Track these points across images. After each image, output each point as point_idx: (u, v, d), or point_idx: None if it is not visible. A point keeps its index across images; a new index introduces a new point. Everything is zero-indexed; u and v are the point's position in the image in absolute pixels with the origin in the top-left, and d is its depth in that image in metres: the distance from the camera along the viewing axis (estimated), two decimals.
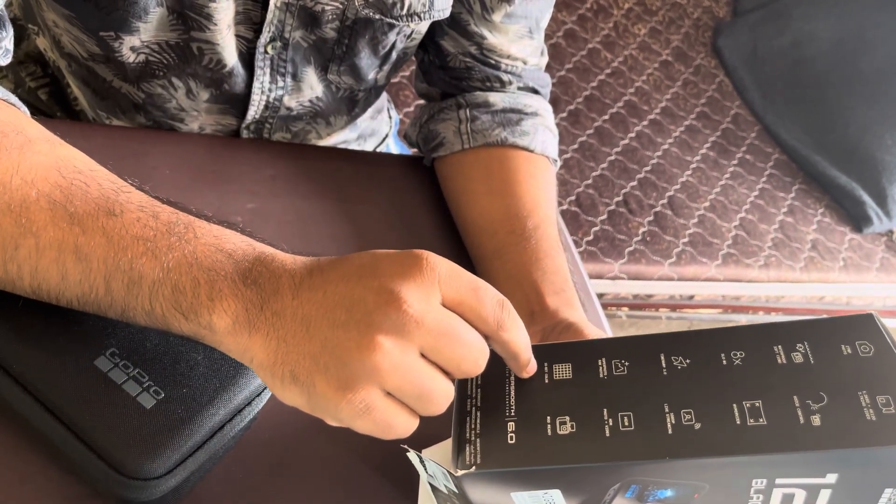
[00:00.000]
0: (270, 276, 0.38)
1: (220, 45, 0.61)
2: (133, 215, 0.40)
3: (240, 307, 0.37)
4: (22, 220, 0.39)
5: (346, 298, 0.36)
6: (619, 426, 0.39)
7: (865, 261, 2.04)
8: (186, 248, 0.39)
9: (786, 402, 0.37)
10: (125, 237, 0.39)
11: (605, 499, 0.40)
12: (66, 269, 0.39)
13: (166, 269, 0.38)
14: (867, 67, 2.22)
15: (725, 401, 0.38)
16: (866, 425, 0.36)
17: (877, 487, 0.38)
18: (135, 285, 0.39)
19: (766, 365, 0.40)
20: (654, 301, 1.82)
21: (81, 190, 0.40)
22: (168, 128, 0.70)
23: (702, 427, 0.38)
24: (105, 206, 0.39)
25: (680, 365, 0.41)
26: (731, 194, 1.98)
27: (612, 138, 1.92)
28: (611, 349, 0.43)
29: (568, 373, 0.42)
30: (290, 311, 0.37)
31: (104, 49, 0.60)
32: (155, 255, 0.38)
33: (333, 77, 0.70)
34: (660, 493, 0.39)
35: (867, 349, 0.39)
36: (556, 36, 2.07)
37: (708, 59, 2.34)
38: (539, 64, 0.75)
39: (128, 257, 0.38)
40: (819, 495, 0.38)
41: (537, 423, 0.40)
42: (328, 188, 0.69)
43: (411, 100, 1.73)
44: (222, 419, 0.43)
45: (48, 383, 0.41)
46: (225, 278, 0.38)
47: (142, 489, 0.40)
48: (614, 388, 0.41)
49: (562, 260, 0.63)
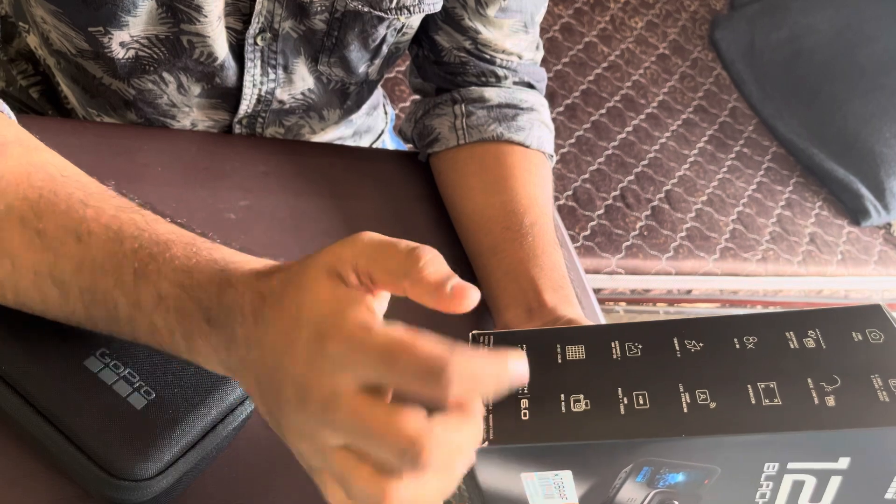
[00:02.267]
0: (230, 320, 0.37)
1: (210, 38, 0.60)
2: (99, 239, 0.39)
3: (210, 350, 0.38)
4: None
5: (271, 376, 0.35)
6: (635, 404, 0.39)
7: (863, 254, 2.04)
8: (150, 289, 0.38)
9: (800, 384, 0.38)
10: (94, 268, 0.39)
11: (616, 483, 0.40)
12: (46, 293, 0.39)
13: (138, 307, 0.38)
14: (865, 60, 2.21)
15: (740, 382, 0.39)
16: (881, 406, 0.36)
17: (886, 476, 0.38)
18: (113, 321, 0.39)
19: (778, 349, 0.40)
20: (651, 296, 1.82)
21: (50, 204, 0.40)
22: (159, 125, 0.70)
23: (717, 406, 0.38)
24: (73, 227, 0.39)
25: (693, 348, 0.41)
26: (728, 188, 1.98)
27: (609, 132, 1.92)
28: (623, 332, 0.43)
29: (581, 354, 0.42)
30: (245, 364, 0.36)
31: (93, 45, 0.59)
32: (124, 291, 0.38)
33: (324, 69, 0.69)
34: (670, 478, 0.39)
35: (877, 336, 0.40)
36: (552, 30, 2.06)
37: (705, 53, 2.33)
38: (534, 58, 0.74)
39: (101, 290, 0.39)
40: (829, 483, 0.38)
41: (551, 400, 0.40)
42: (321, 184, 0.69)
43: (407, 95, 1.72)
44: (214, 419, 0.42)
45: (38, 384, 0.41)
46: (191, 321, 0.37)
47: (133, 490, 0.39)
48: (628, 369, 0.41)
49: (559, 256, 0.62)
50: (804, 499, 0.39)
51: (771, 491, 0.39)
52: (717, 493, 0.40)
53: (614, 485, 0.40)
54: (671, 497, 0.41)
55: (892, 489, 0.38)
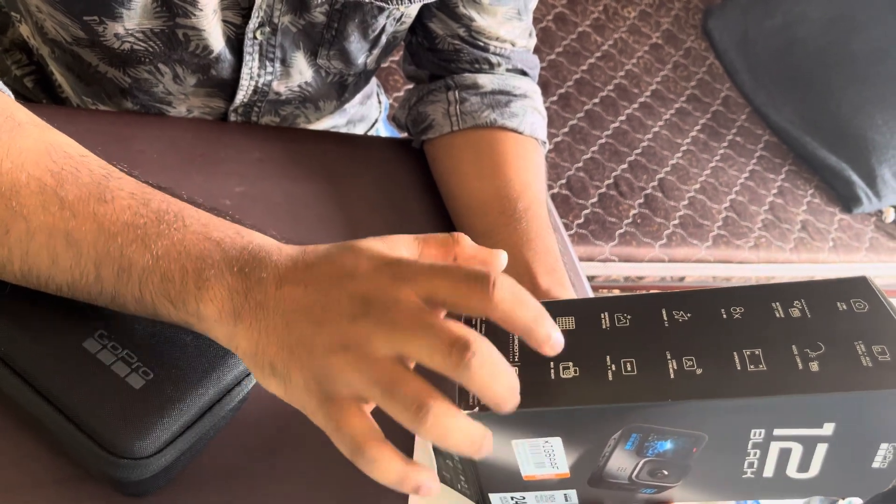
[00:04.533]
0: (256, 266, 0.39)
1: (206, 31, 0.61)
2: (124, 202, 0.40)
3: (225, 296, 0.38)
4: (12, 203, 0.39)
5: (324, 297, 0.37)
6: (622, 371, 0.40)
7: (855, 241, 2.05)
8: (175, 236, 0.39)
9: (785, 351, 0.39)
10: (116, 224, 0.39)
11: (605, 451, 0.41)
12: (57, 253, 0.39)
13: (156, 257, 0.39)
14: (858, 48, 2.22)
15: (726, 349, 0.39)
16: (863, 371, 0.37)
17: (872, 442, 0.39)
18: (124, 272, 0.39)
19: (764, 318, 0.41)
20: (644, 283, 1.83)
21: (72, 175, 0.40)
22: (155, 111, 0.70)
23: (703, 372, 0.39)
24: (96, 192, 0.40)
25: (681, 318, 0.42)
26: (721, 176, 1.98)
27: (602, 121, 1.92)
28: (613, 305, 0.44)
29: (571, 324, 0.43)
30: (272, 302, 0.37)
31: (89, 33, 0.60)
32: (145, 242, 0.39)
33: (323, 62, 0.70)
34: (659, 446, 0.40)
35: (862, 306, 0.40)
36: (545, 20, 2.07)
37: (698, 42, 2.34)
38: (527, 46, 0.75)
39: (118, 244, 0.39)
40: (815, 451, 0.39)
41: (541, 367, 0.40)
42: (316, 171, 0.69)
43: (401, 84, 1.73)
44: (212, 399, 0.43)
45: (37, 365, 0.41)
46: (212, 266, 0.38)
47: (133, 468, 0.40)
48: (617, 338, 0.42)
49: (552, 241, 0.63)
50: (791, 468, 0.40)
51: (759, 460, 0.40)
52: (705, 464, 0.41)
53: (604, 453, 0.41)
54: (661, 466, 0.41)
55: (879, 458, 0.39)
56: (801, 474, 0.40)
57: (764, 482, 0.41)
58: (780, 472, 0.40)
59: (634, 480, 0.43)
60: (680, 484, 0.43)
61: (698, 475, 0.42)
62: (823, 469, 0.40)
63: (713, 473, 0.41)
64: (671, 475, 0.42)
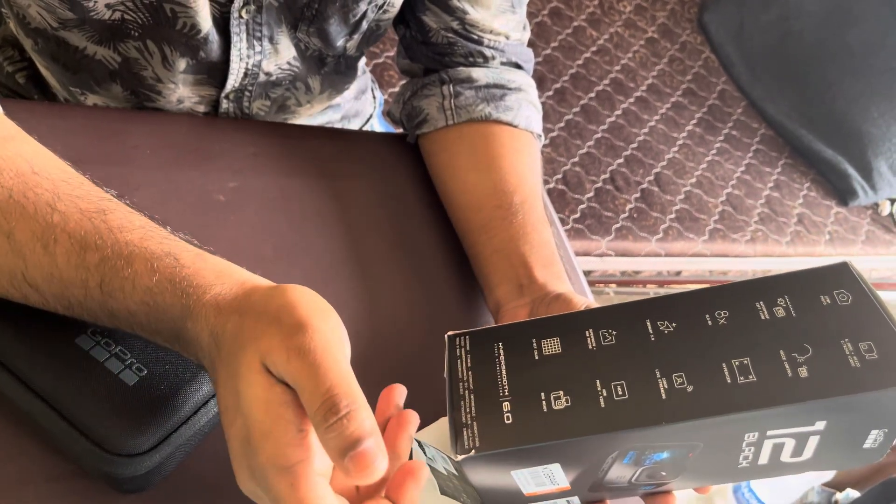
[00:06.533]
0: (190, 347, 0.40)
1: (193, 9, 0.60)
2: (64, 249, 0.40)
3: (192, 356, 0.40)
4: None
5: (226, 416, 0.37)
6: (614, 395, 0.39)
7: (851, 234, 2.06)
8: (119, 304, 0.40)
9: (773, 357, 0.38)
10: (62, 280, 0.40)
11: (604, 467, 0.41)
12: (25, 294, 0.41)
13: (114, 317, 0.40)
14: (854, 41, 2.22)
15: (714, 361, 0.39)
16: (851, 373, 0.37)
17: (863, 430, 0.39)
18: (96, 321, 0.41)
19: (750, 322, 0.40)
20: (641, 277, 1.83)
21: (19, 206, 0.40)
22: (146, 99, 0.69)
23: (694, 389, 0.38)
24: (39, 232, 0.40)
25: (666, 329, 0.41)
26: (717, 170, 1.98)
27: (598, 116, 1.92)
28: (596, 320, 0.43)
29: (556, 347, 0.43)
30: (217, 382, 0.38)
31: (78, 12, 0.59)
32: (96, 303, 0.40)
33: (302, 36, 0.69)
34: (656, 456, 0.40)
35: (845, 297, 0.40)
36: (541, 14, 2.06)
37: (694, 36, 2.34)
38: (521, 39, 0.74)
39: (74, 299, 0.40)
40: (808, 442, 0.39)
41: (532, 400, 0.40)
42: (311, 165, 0.69)
43: (396, 80, 1.72)
44: (205, 395, 0.43)
45: (30, 362, 0.41)
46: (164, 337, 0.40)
47: (127, 465, 0.40)
48: (604, 359, 0.41)
49: (548, 234, 0.63)
50: (786, 455, 0.40)
51: (753, 454, 0.40)
52: (702, 462, 0.41)
53: (602, 468, 0.41)
54: (658, 470, 0.41)
55: (870, 440, 0.39)
56: (794, 458, 0.40)
57: (759, 468, 0.41)
58: (775, 460, 0.40)
59: (634, 483, 0.43)
60: (678, 478, 0.43)
61: (695, 470, 0.42)
62: (816, 453, 0.40)
63: (710, 467, 0.41)
64: (669, 475, 0.42)
